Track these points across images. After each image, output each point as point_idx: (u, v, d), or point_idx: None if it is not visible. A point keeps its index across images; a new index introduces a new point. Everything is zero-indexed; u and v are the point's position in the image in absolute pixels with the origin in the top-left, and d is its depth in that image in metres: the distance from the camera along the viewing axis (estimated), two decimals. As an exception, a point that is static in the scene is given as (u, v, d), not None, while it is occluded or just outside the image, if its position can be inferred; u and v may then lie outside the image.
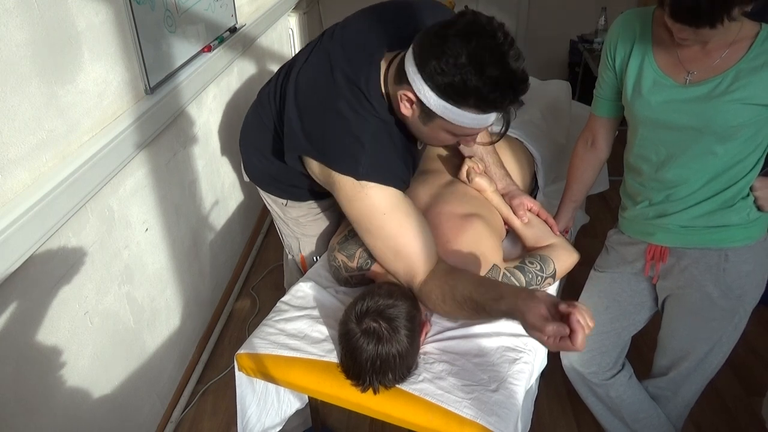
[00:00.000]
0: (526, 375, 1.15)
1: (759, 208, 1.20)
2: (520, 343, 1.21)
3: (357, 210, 1.17)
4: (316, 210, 1.57)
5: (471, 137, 1.15)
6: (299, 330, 1.27)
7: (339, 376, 1.14)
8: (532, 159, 1.73)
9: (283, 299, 1.37)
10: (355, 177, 1.13)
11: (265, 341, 1.24)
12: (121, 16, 1.47)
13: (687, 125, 1.13)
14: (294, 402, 1.38)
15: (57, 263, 1.27)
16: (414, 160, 1.30)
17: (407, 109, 1.10)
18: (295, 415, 1.65)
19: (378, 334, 1.07)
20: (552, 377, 1.85)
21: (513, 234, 1.50)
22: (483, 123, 1.06)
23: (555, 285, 1.37)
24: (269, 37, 2.85)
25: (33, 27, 1.16)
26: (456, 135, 1.12)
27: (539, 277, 1.30)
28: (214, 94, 2.15)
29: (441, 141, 1.17)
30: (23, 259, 1.13)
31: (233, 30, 2.29)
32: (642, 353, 1.57)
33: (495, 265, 1.27)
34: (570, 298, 1.60)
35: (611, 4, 3.24)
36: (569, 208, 1.49)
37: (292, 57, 1.40)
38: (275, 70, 1.69)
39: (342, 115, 1.15)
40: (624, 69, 1.21)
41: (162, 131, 1.70)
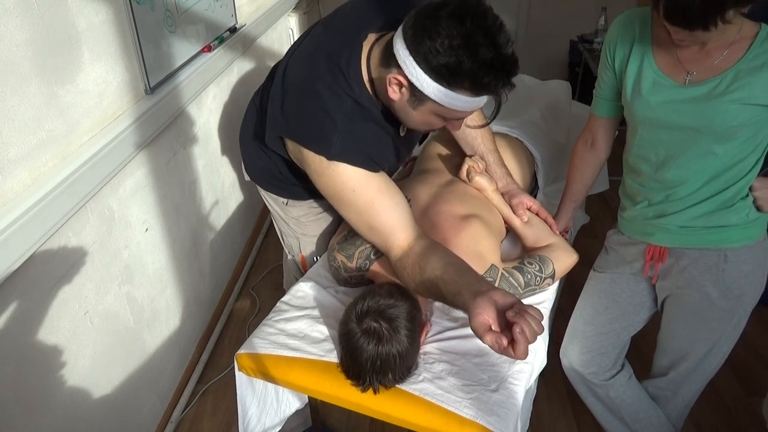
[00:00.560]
0: (525, 375, 1.15)
1: (758, 208, 1.20)
2: (519, 343, 1.21)
3: (326, 185, 1.18)
4: (317, 209, 1.57)
5: (459, 120, 1.14)
6: (299, 330, 1.27)
7: (339, 376, 1.14)
8: (532, 159, 1.73)
9: (283, 299, 1.37)
10: (327, 157, 1.12)
11: (265, 341, 1.24)
12: (121, 16, 1.47)
13: (686, 125, 1.13)
14: (293, 402, 1.38)
15: (57, 263, 1.27)
16: (396, 146, 1.27)
17: (395, 93, 1.07)
18: (295, 415, 1.65)
19: (378, 334, 1.07)
20: (552, 377, 1.85)
21: (513, 234, 1.50)
22: (474, 106, 1.05)
23: (554, 285, 1.37)
24: (269, 37, 2.85)
25: (33, 27, 1.16)
26: (446, 119, 1.10)
27: (538, 278, 1.30)
28: (214, 94, 2.15)
29: (429, 125, 1.14)
30: (23, 259, 1.13)
31: (233, 30, 2.29)
32: (642, 353, 1.57)
33: (493, 266, 1.27)
34: (570, 298, 1.61)
35: (611, 4, 3.24)
36: (569, 208, 1.49)
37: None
38: (275, 70, 1.70)
39: (318, 94, 1.14)
40: (623, 69, 1.21)
41: (162, 131, 1.70)
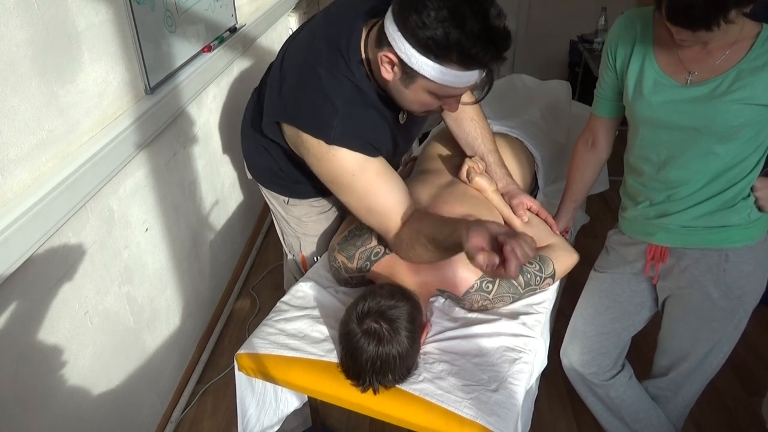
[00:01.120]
0: (526, 375, 1.15)
1: (760, 208, 1.19)
2: (520, 343, 1.21)
3: (326, 170, 1.18)
4: (317, 209, 1.57)
5: (454, 99, 1.13)
6: (299, 330, 1.27)
7: (339, 376, 1.14)
8: (532, 159, 1.73)
9: (283, 299, 1.37)
10: (326, 141, 1.12)
11: (265, 341, 1.24)
12: (121, 16, 1.47)
13: (688, 125, 1.13)
14: (292, 402, 1.38)
15: (57, 263, 1.27)
16: (394, 135, 1.27)
17: (388, 72, 1.08)
18: (295, 415, 1.65)
19: (379, 334, 1.07)
20: (552, 377, 1.85)
21: (513, 234, 1.50)
22: (466, 81, 1.04)
23: (555, 285, 1.37)
24: (269, 37, 2.85)
25: (33, 27, 1.16)
26: (439, 97, 1.10)
27: (538, 277, 1.30)
28: (214, 94, 2.15)
29: (424, 104, 1.13)
30: (23, 259, 1.13)
31: (233, 30, 2.29)
32: (642, 353, 1.57)
33: (493, 264, 1.27)
34: (570, 298, 1.61)
35: (611, 4, 3.24)
36: (569, 208, 1.49)
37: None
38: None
39: (318, 77, 1.13)
40: (625, 69, 1.21)
41: (162, 131, 1.70)
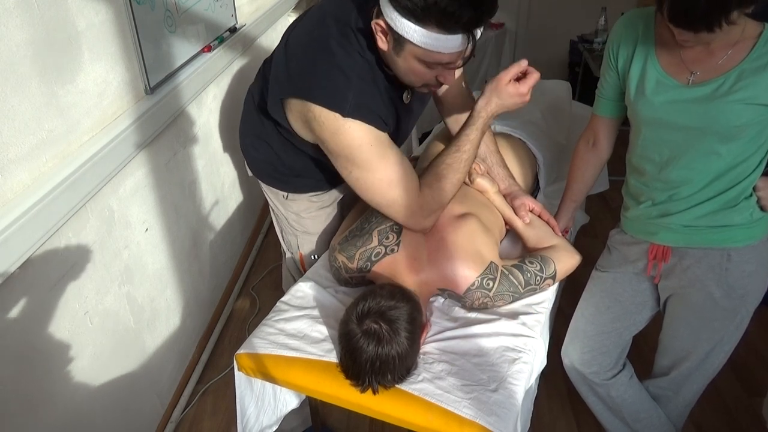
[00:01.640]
0: (525, 375, 1.15)
1: (762, 208, 1.19)
2: (519, 343, 1.21)
3: (341, 143, 1.17)
4: (317, 204, 1.57)
5: (446, 69, 1.14)
6: (299, 330, 1.27)
7: (339, 376, 1.14)
8: (534, 159, 1.73)
9: (283, 299, 1.37)
10: (342, 113, 1.13)
11: (265, 341, 1.24)
12: (121, 16, 1.47)
13: (690, 126, 1.12)
14: (291, 401, 1.38)
15: (57, 263, 1.27)
16: (399, 115, 1.29)
17: (383, 42, 1.12)
18: (295, 415, 1.65)
19: (378, 335, 1.07)
20: (552, 377, 1.85)
21: (512, 234, 1.50)
22: (449, 46, 1.06)
23: (554, 285, 1.37)
24: (269, 37, 2.85)
25: (33, 27, 1.16)
26: (428, 65, 1.11)
27: (538, 277, 1.30)
28: (214, 94, 2.15)
29: (417, 75, 1.15)
30: (23, 259, 1.13)
31: (233, 30, 2.29)
32: (643, 353, 1.57)
33: (492, 263, 1.27)
34: (570, 298, 1.61)
35: (611, 4, 3.24)
36: (569, 207, 1.49)
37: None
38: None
39: (331, 52, 1.15)
40: (627, 69, 1.21)
41: (162, 131, 1.70)
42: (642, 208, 1.29)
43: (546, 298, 1.34)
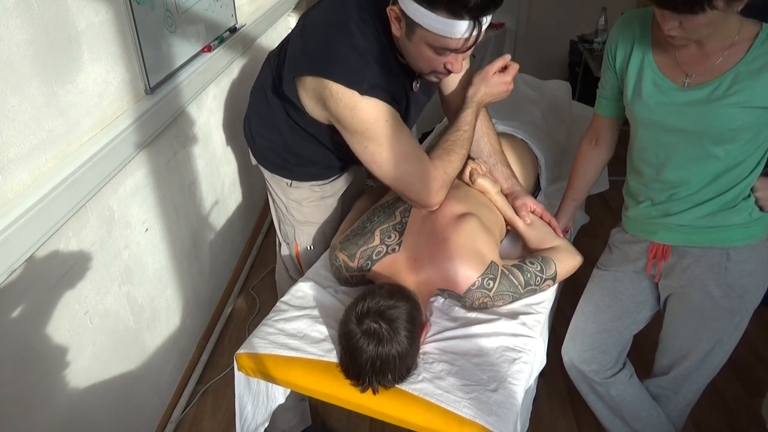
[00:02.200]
0: (525, 375, 1.15)
1: (761, 208, 1.19)
2: (519, 343, 1.21)
3: (359, 118, 1.20)
4: (318, 193, 1.57)
5: (453, 56, 1.18)
6: (299, 330, 1.27)
7: (339, 375, 1.14)
8: (536, 160, 1.73)
9: (283, 299, 1.37)
10: (359, 91, 1.17)
11: (265, 341, 1.24)
12: (121, 16, 1.47)
13: (685, 128, 1.12)
14: (278, 397, 1.36)
15: (57, 263, 1.27)
16: (408, 101, 1.35)
17: (397, 28, 1.17)
18: (293, 414, 1.65)
19: (378, 335, 1.07)
20: (552, 377, 1.85)
21: (513, 234, 1.49)
22: (456, 32, 1.09)
23: (554, 286, 1.37)
24: (269, 37, 2.85)
25: (33, 27, 1.16)
26: (437, 50, 1.15)
27: (538, 278, 1.30)
28: (214, 94, 2.15)
29: (427, 60, 1.19)
30: (23, 259, 1.13)
31: (233, 30, 2.29)
32: (643, 352, 1.57)
33: (492, 262, 1.27)
34: (570, 297, 1.61)
35: (611, 4, 3.24)
36: (570, 206, 1.49)
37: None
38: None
39: (350, 32, 1.19)
40: (624, 70, 1.21)
41: (162, 131, 1.70)
42: (642, 207, 1.30)
43: (546, 298, 1.34)
